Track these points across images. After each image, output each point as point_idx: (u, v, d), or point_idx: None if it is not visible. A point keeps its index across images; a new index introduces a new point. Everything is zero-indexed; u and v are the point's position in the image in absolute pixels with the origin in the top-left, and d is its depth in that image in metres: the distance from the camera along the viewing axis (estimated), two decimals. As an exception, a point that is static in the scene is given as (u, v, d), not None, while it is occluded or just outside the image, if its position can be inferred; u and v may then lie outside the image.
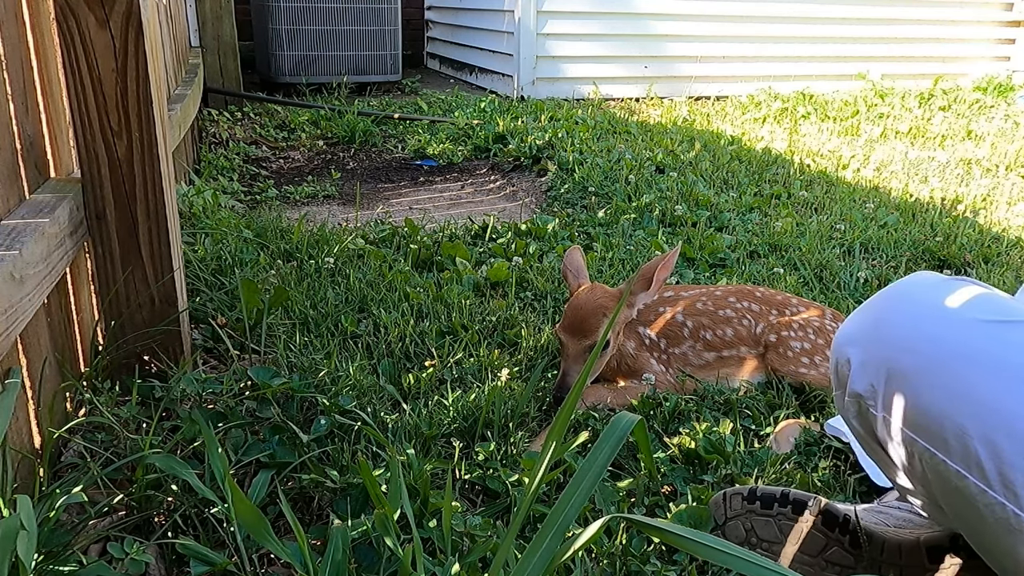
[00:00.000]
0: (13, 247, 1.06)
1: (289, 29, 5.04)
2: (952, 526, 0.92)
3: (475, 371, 1.66)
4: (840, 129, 4.52)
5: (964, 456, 0.79)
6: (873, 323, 0.91)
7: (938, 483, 0.83)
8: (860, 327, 0.92)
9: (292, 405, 1.44)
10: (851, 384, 0.90)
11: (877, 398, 0.87)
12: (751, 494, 1.17)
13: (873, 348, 0.88)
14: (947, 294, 0.87)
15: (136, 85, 1.33)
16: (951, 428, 0.79)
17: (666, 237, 2.57)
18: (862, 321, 0.93)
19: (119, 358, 1.48)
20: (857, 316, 0.94)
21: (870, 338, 0.90)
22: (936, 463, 0.81)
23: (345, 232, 2.44)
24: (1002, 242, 2.63)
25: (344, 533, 1.02)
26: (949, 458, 0.80)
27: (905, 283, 0.93)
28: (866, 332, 0.91)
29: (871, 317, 0.92)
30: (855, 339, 0.92)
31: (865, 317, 0.93)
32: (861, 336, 0.91)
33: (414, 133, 4.15)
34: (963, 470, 0.79)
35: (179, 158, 2.66)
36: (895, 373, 0.85)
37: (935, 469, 0.82)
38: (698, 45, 5.55)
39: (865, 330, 0.91)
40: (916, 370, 0.83)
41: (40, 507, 1.03)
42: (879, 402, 0.86)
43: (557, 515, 0.69)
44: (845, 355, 0.92)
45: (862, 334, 0.91)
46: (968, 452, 0.78)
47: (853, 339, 0.92)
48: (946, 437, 0.80)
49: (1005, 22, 6.35)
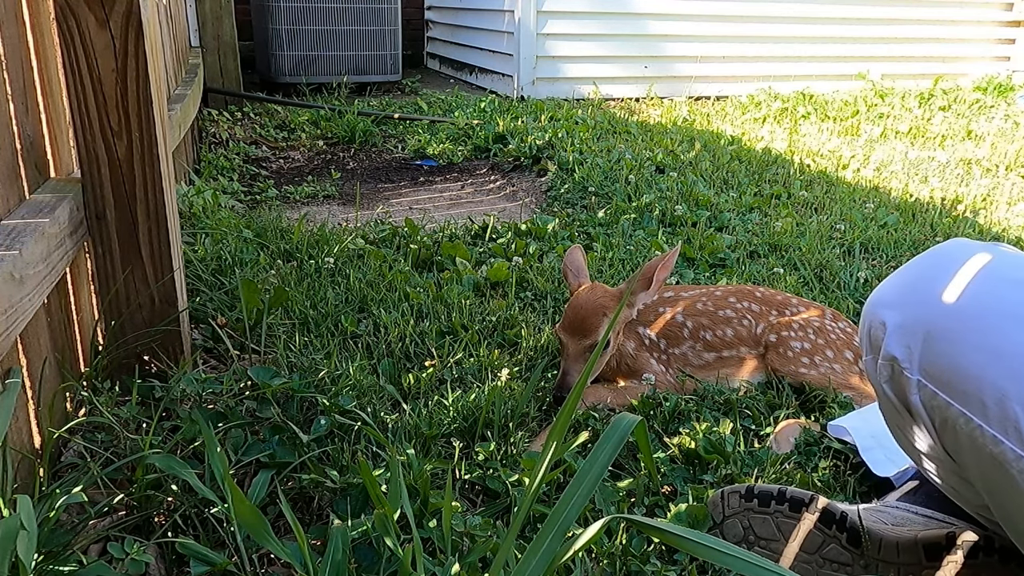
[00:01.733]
0: (13, 247, 1.06)
1: (289, 29, 5.04)
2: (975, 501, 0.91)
3: (475, 371, 1.66)
4: (840, 129, 4.52)
5: (1002, 420, 0.77)
6: (912, 285, 0.89)
7: (971, 451, 0.81)
8: (898, 289, 0.90)
9: (292, 405, 1.44)
10: (886, 347, 0.87)
11: (913, 361, 0.85)
12: (749, 492, 1.18)
13: (911, 310, 0.86)
14: (987, 256, 0.85)
15: (136, 85, 1.33)
16: (990, 391, 0.78)
17: (666, 237, 2.57)
18: (899, 283, 0.91)
19: (119, 358, 1.48)
20: (894, 279, 0.92)
21: (908, 300, 0.87)
22: (971, 429, 0.80)
23: (345, 232, 2.44)
24: (1002, 242, 2.63)
25: (344, 533, 1.02)
26: (986, 422, 0.78)
27: (944, 246, 0.91)
28: (904, 294, 0.88)
29: (910, 279, 0.90)
30: (891, 302, 0.89)
31: (903, 279, 0.91)
32: (898, 298, 0.89)
33: (414, 133, 4.15)
34: (999, 435, 0.77)
35: (179, 158, 2.66)
36: (934, 334, 0.83)
37: (970, 436, 0.80)
38: (698, 45, 5.55)
39: (903, 292, 0.89)
40: (957, 331, 0.81)
41: (40, 507, 1.03)
42: (915, 365, 0.84)
43: (558, 515, 0.69)
44: (880, 318, 0.89)
45: (899, 296, 0.89)
46: (1006, 416, 0.76)
47: (889, 302, 0.90)
48: (984, 400, 0.78)
49: (1005, 22, 6.35)
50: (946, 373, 0.82)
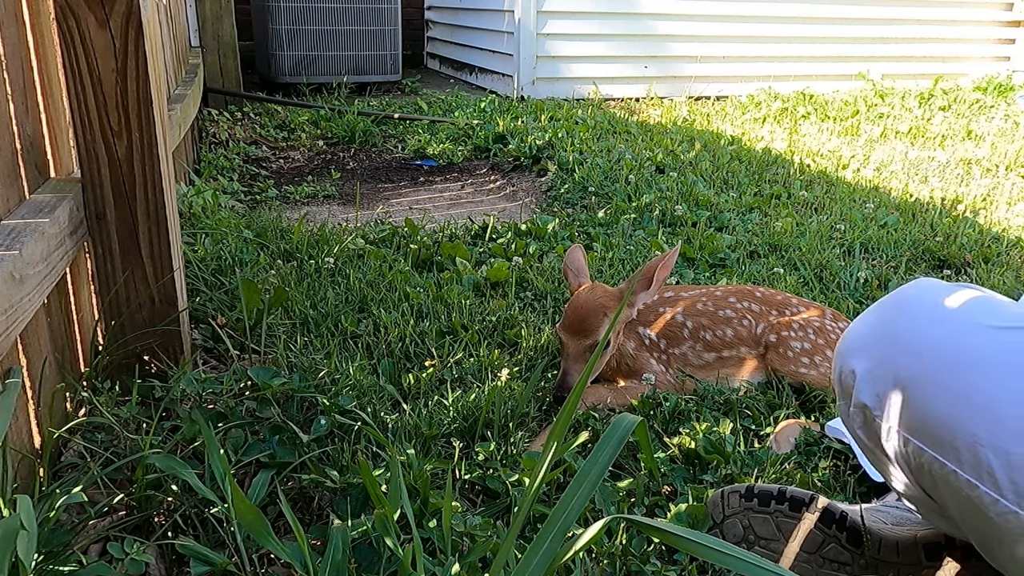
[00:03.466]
0: (13, 247, 1.06)
1: (289, 29, 5.04)
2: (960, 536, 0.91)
3: (475, 371, 1.66)
4: (840, 129, 4.52)
5: (975, 465, 0.77)
6: (878, 332, 0.89)
7: (948, 494, 0.81)
8: (865, 336, 0.90)
9: (292, 405, 1.44)
10: (857, 395, 0.87)
11: (884, 408, 0.84)
12: (749, 492, 1.18)
13: (879, 358, 0.86)
14: (952, 300, 0.85)
15: (136, 85, 1.33)
16: (962, 437, 0.77)
17: (666, 237, 2.57)
18: (866, 330, 0.91)
19: (119, 358, 1.48)
20: (860, 326, 0.92)
21: (876, 348, 0.87)
22: (946, 474, 0.79)
23: (345, 232, 2.44)
24: (1002, 242, 2.63)
25: (344, 533, 1.02)
26: (960, 468, 0.78)
27: (908, 290, 0.90)
28: (871, 341, 0.88)
29: (876, 326, 0.90)
30: (859, 349, 0.89)
31: (869, 326, 0.91)
32: (866, 345, 0.89)
33: (414, 133, 4.15)
34: (974, 479, 0.77)
35: (179, 158, 2.66)
36: (903, 382, 0.83)
37: (945, 480, 0.80)
38: (698, 45, 5.55)
39: (870, 340, 0.89)
40: (925, 378, 0.81)
41: (40, 507, 1.03)
42: (886, 412, 0.84)
43: (558, 516, 0.69)
44: (849, 366, 0.89)
45: (867, 344, 0.89)
46: (979, 461, 0.76)
47: (857, 349, 0.90)
48: (957, 446, 0.78)
49: (1005, 22, 6.35)
50: (917, 420, 0.81)
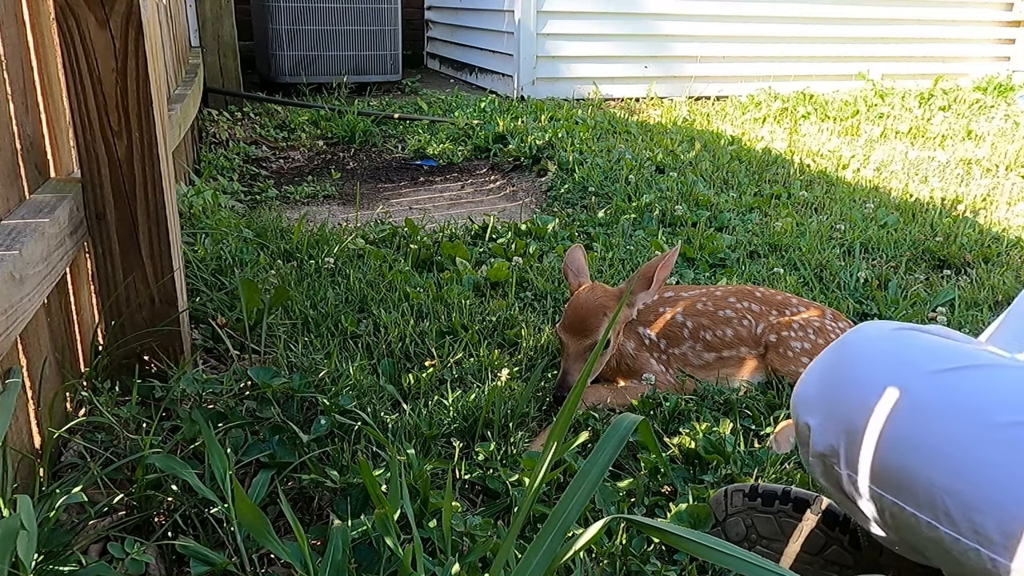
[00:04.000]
0: (13, 247, 1.06)
1: (289, 29, 5.04)
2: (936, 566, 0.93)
3: (475, 371, 1.66)
4: (840, 129, 4.52)
5: (932, 507, 0.78)
6: (825, 384, 0.91)
7: (911, 534, 0.83)
8: (814, 388, 0.92)
9: (292, 405, 1.44)
10: (813, 446, 0.90)
11: (839, 457, 0.87)
12: (752, 491, 1.18)
13: (828, 410, 0.88)
14: (895, 348, 0.87)
15: (136, 85, 1.33)
16: (916, 481, 0.80)
17: (666, 237, 2.57)
18: (814, 380, 0.93)
19: (119, 358, 1.48)
20: (810, 375, 0.94)
21: (824, 401, 0.90)
22: (906, 516, 0.81)
23: (345, 232, 2.44)
24: (1002, 242, 2.63)
25: (344, 533, 1.02)
26: (918, 511, 0.80)
27: (851, 339, 0.92)
28: (820, 395, 0.91)
29: (822, 378, 0.92)
30: (810, 403, 0.92)
31: (817, 377, 0.93)
32: (815, 399, 0.91)
33: (414, 133, 4.15)
34: (933, 521, 0.79)
35: (179, 158, 2.66)
36: (853, 432, 0.85)
37: (906, 522, 0.82)
38: (698, 45, 5.55)
39: (818, 394, 0.91)
40: (872, 427, 0.83)
41: (40, 507, 1.03)
42: (842, 461, 0.86)
43: (558, 515, 0.69)
44: (803, 419, 0.92)
45: (816, 397, 0.91)
46: (935, 503, 0.78)
47: (808, 403, 0.92)
48: (914, 490, 0.80)
49: (1005, 22, 6.35)
50: (871, 467, 0.83)
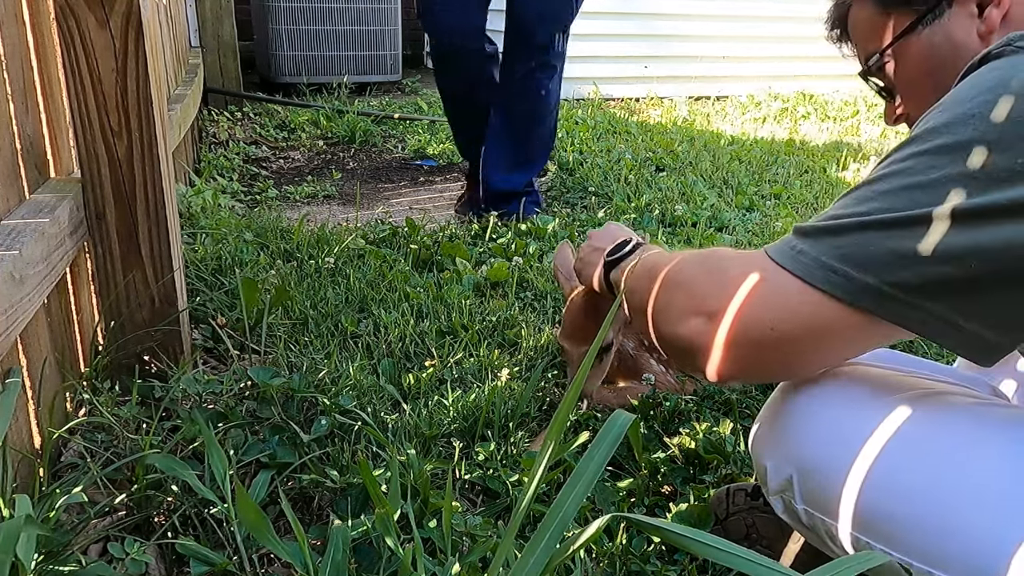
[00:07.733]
0: (13, 247, 1.06)
1: (289, 29, 5.04)
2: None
3: (475, 371, 1.66)
4: (840, 129, 4.52)
5: (889, 539, 0.81)
6: (772, 425, 0.95)
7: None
8: (763, 431, 0.96)
9: (292, 405, 1.44)
10: (770, 485, 0.94)
11: (795, 494, 0.90)
12: (755, 490, 1.18)
13: (779, 453, 0.92)
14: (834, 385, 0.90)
15: (136, 85, 1.33)
16: (867, 512, 0.82)
17: (666, 237, 2.57)
18: (765, 422, 0.97)
19: (119, 358, 1.48)
20: (762, 416, 0.98)
21: (773, 442, 0.94)
22: (863, 545, 0.84)
23: (345, 232, 2.44)
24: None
25: (344, 533, 1.02)
26: (875, 541, 0.82)
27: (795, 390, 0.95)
28: (768, 436, 0.95)
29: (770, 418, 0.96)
30: (761, 445, 0.96)
31: (767, 419, 0.96)
32: (765, 442, 0.95)
33: (414, 133, 4.15)
34: (889, 550, 0.82)
35: (179, 158, 2.66)
36: (803, 471, 0.89)
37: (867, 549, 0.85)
38: (698, 45, 5.55)
39: (768, 435, 0.95)
40: (821, 465, 0.87)
41: (40, 507, 1.03)
42: (799, 497, 0.90)
43: (555, 514, 0.69)
44: (760, 461, 0.96)
45: (766, 440, 0.95)
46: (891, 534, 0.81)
47: (760, 445, 0.96)
48: (866, 521, 0.83)
49: (1005, 22, 6.35)
50: (827, 503, 0.86)
